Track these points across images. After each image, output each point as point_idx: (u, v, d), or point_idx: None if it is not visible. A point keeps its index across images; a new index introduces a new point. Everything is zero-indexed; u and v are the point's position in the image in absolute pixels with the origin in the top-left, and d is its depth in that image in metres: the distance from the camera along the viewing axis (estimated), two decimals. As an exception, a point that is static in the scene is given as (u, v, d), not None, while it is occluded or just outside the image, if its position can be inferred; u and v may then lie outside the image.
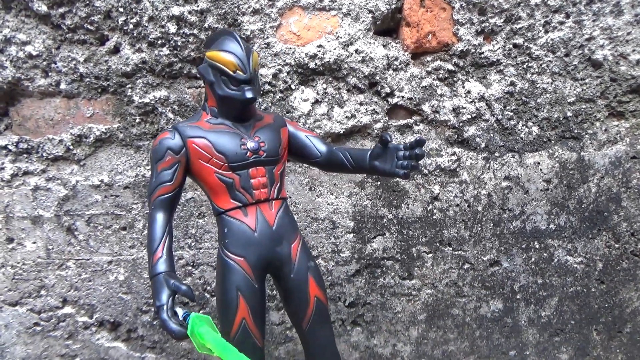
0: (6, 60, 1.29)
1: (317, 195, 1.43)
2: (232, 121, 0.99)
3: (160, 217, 0.94)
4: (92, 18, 1.28)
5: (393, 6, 1.34)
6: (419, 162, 0.96)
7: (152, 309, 1.45)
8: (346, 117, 1.39)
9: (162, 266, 0.89)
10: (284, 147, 1.04)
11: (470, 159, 1.43)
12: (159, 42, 1.30)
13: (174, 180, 0.95)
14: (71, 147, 1.36)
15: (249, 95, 0.94)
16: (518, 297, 1.50)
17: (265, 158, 0.99)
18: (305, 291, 1.01)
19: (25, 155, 1.36)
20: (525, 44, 1.37)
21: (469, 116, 1.41)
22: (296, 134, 1.07)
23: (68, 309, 1.44)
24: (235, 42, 0.94)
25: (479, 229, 1.46)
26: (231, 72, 0.93)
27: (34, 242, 1.40)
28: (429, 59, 1.39)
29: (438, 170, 1.43)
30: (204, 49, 1.04)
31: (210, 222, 1.42)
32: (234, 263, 0.95)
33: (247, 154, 0.97)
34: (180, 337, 0.83)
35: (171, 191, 0.95)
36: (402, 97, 1.39)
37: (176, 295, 0.87)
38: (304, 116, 1.38)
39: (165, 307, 0.85)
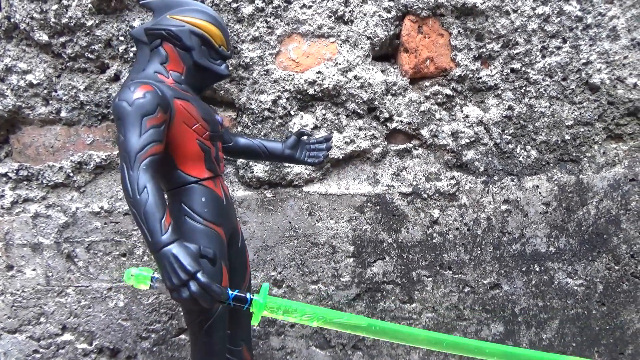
0: (7, 89, 1.30)
1: (316, 220, 1.43)
2: (195, 92, 0.97)
3: (155, 180, 0.77)
4: (93, 47, 1.29)
5: (391, 33, 1.35)
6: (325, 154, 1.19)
7: (152, 334, 1.44)
8: (345, 142, 1.39)
9: (175, 234, 0.76)
10: None
11: (469, 182, 1.43)
12: (159, 70, 1.31)
13: (164, 140, 0.82)
14: (71, 174, 1.36)
15: (227, 71, 1.00)
16: (519, 319, 1.49)
17: (221, 133, 1.04)
18: (245, 259, 1.10)
19: (25, 182, 1.36)
20: (523, 68, 1.38)
21: (468, 140, 1.41)
22: None
23: (67, 336, 1.43)
24: (219, 18, 0.98)
25: (479, 252, 1.46)
26: (216, 45, 0.96)
27: (34, 270, 1.39)
28: (427, 84, 1.40)
29: (437, 194, 1.43)
30: (166, 11, 0.95)
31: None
32: (215, 232, 0.93)
33: (219, 127, 1.01)
34: (224, 299, 0.78)
35: (161, 152, 0.81)
36: (401, 121, 1.40)
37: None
38: (303, 141, 1.39)
39: (202, 271, 0.74)
